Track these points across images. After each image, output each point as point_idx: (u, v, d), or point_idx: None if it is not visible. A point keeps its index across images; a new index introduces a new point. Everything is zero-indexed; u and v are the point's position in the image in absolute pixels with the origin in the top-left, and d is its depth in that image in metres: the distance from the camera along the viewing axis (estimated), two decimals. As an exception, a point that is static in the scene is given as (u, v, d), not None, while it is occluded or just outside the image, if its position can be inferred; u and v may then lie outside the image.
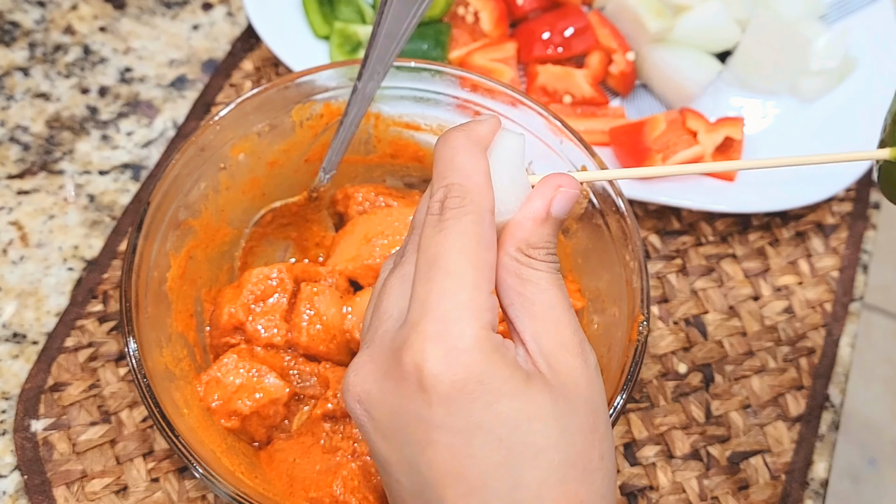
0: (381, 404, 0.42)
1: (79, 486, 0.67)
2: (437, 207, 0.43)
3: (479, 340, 0.40)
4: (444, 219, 0.43)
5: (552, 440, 0.40)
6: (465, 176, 0.44)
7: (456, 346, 0.40)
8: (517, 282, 0.44)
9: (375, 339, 0.44)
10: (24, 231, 0.78)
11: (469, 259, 0.42)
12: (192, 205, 0.65)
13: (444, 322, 0.40)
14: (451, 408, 0.40)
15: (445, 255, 0.42)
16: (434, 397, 0.40)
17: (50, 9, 0.91)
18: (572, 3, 0.89)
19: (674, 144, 0.81)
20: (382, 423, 0.42)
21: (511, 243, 0.44)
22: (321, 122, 0.68)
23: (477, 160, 0.45)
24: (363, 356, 0.44)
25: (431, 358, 0.40)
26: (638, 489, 0.71)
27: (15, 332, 0.74)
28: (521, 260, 0.44)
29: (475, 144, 0.45)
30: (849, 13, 0.92)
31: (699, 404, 0.74)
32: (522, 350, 0.43)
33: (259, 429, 0.64)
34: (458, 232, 0.42)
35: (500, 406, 0.40)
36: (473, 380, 0.40)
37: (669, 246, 0.82)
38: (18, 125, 0.84)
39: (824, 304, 0.80)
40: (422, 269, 0.42)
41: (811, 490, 0.72)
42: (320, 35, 0.87)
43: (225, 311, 0.65)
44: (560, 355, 0.43)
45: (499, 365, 0.40)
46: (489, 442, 0.40)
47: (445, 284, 0.41)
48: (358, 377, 0.43)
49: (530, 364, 0.42)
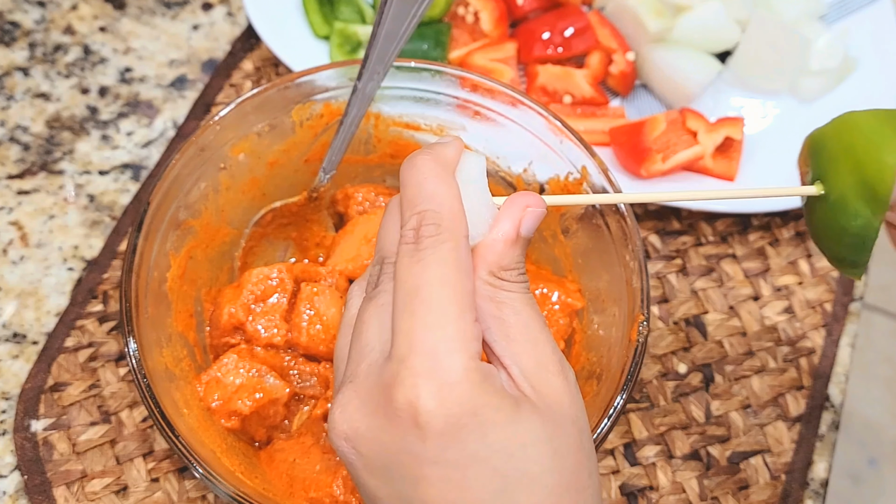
0: (370, 441, 0.41)
1: (79, 486, 0.67)
2: (412, 236, 0.43)
3: (469, 372, 0.40)
4: (420, 248, 0.42)
5: (546, 464, 0.40)
6: (439, 202, 0.43)
7: (448, 380, 0.39)
8: (493, 306, 0.43)
9: (359, 374, 0.43)
10: (24, 231, 0.78)
11: (451, 289, 0.41)
12: (192, 205, 0.65)
13: (433, 356, 0.40)
14: (446, 443, 0.39)
15: (427, 287, 0.41)
16: (429, 433, 0.39)
17: (50, 9, 0.91)
18: (572, 3, 0.89)
19: (674, 144, 0.81)
20: (371, 459, 0.41)
21: (483, 267, 0.44)
22: (321, 122, 0.68)
23: (448, 185, 0.44)
24: (348, 392, 0.43)
25: (424, 394, 0.39)
26: (638, 489, 0.71)
27: (15, 332, 0.74)
28: (494, 283, 0.44)
29: (444, 168, 0.44)
30: (849, 13, 0.92)
31: (699, 404, 0.74)
32: (505, 374, 0.42)
33: (259, 429, 0.64)
34: (437, 261, 0.41)
35: (493, 436, 0.40)
36: (467, 413, 0.39)
37: (669, 246, 0.82)
38: (18, 125, 0.84)
39: (824, 304, 0.80)
40: (402, 301, 0.41)
41: (811, 490, 0.72)
42: (320, 35, 0.87)
43: (225, 311, 0.65)
44: (542, 376, 0.42)
45: (489, 394, 0.40)
46: (484, 472, 0.40)
47: (430, 317, 0.40)
48: (345, 414, 0.42)
49: (515, 388, 0.42)
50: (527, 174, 0.69)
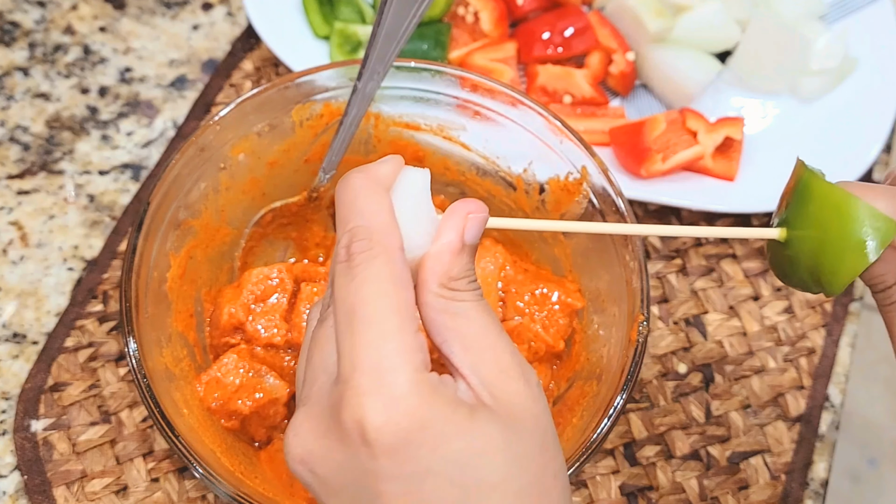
0: (325, 462, 0.41)
1: (79, 486, 0.67)
2: (344, 254, 0.42)
3: (414, 384, 0.39)
4: (353, 265, 0.42)
5: (505, 472, 0.40)
6: (368, 217, 0.43)
7: (393, 395, 0.39)
8: (446, 317, 0.43)
9: (312, 397, 0.43)
10: (24, 231, 0.78)
11: (388, 303, 0.41)
12: (192, 205, 0.65)
13: (376, 374, 0.39)
14: (397, 457, 0.39)
15: (363, 304, 0.41)
16: (378, 450, 0.39)
17: (50, 9, 0.91)
18: (572, 3, 0.89)
19: (674, 144, 0.81)
20: (329, 480, 0.41)
21: (432, 280, 0.43)
22: (321, 122, 0.68)
23: (378, 199, 0.43)
24: (300, 416, 0.43)
25: (370, 412, 0.39)
26: (638, 489, 0.71)
27: (15, 332, 0.74)
28: (445, 295, 0.43)
29: (376, 184, 0.44)
30: (849, 13, 0.92)
31: (699, 404, 0.74)
32: (463, 384, 0.42)
33: (259, 429, 0.64)
34: (371, 277, 0.41)
35: (446, 448, 0.39)
36: (416, 426, 0.39)
37: (669, 246, 0.82)
38: (18, 125, 0.84)
39: (824, 304, 0.80)
40: (342, 322, 0.41)
41: (811, 490, 0.72)
42: (320, 35, 0.87)
43: (225, 311, 0.65)
44: (501, 382, 0.42)
45: (439, 405, 0.40)
46: (441, 484, 0.39)
47: (369, 335, 0.40)
48: (298, 438, 0.42)
49: (473, 397, 0.42)
50: (527, 174, 0.69)
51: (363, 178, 0.44)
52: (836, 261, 0.47)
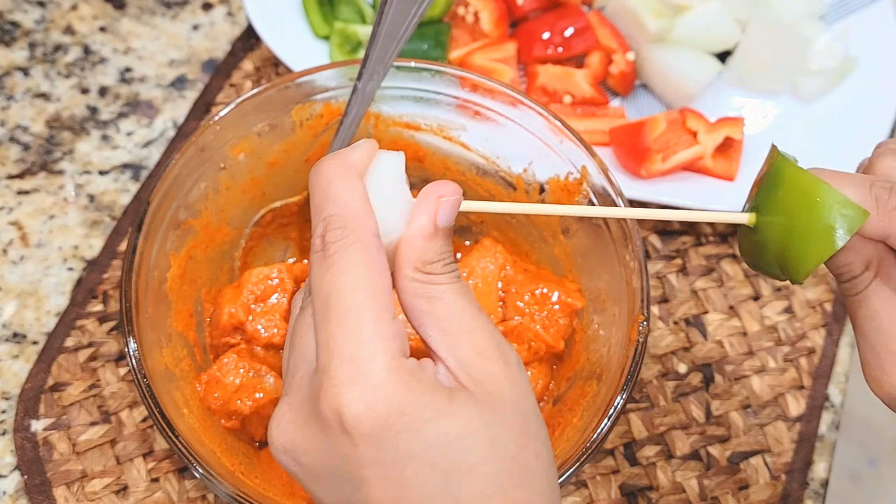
0: (307, 451, 0.41)
1: (79, 486, 0.67)
2: (320, 243, 0.42)
3: (392, 371, 0.40)
4: (328, 254, 0.42)
5: (484, 453, 0.40)
6: (342, 204, 0.43)
7: (370, 382, 0.39)
8: (423, 301, 0.43)
9: (293, 387, 0.43)
10: (24, 231, 0.78)
11: (364, 291, 0.41)
12: (192, 205, 0.65)
13: (353, 363, 0.40)
14: (377, 444, 0.39)
15: (339, 293, 0.41)
16: (358, 438, 0.39)
17: (50, 9, 0.91)
18: (572, 3, 0.89)
19: (674, 144, 0.81)
20: (312, 468, 0.42)
21: (407, 265, 0.43)
22: (321, 122, 0.68)
23: (351, 186, 0.43)
24: (283, 406, 0.43)
25: (348, 401, 0.39)
26: (638, 489, 0.71)
27: (15, 332, 0.74)
28: (420, 279, 0.43)
29: (348, 170, 0.44)
30: (849, 13, 0.92)
31: (699, 404, 0.74)
32: (443, 367, 0.42)
33: (259, 429, 0.64)
34: (346, 265, 0.41)
35: (426, 432, 0.39)
36: (394, 412, 0.39)
37: (669, 246, 0.82)
38: (18, 125, 0.84)
39: (824, 304, 0.80)
40: (319, 311, 0.41)
41: (811, 490, 0.72)
42: (320, 35, 0.87)
43: (225, 311, 0.65)
44: (479, 364, 0.42)
45: (417, 390, 0.40)
46: (422, 468, 0.40)
47: (346, 325, 0.40)
48: (280, 428, 0.42)
49: (452, 380, 0.42)
50: (527, 174, 0.69)
51: (335, 164, 0.44)
52: (803, 247, 0.47)
